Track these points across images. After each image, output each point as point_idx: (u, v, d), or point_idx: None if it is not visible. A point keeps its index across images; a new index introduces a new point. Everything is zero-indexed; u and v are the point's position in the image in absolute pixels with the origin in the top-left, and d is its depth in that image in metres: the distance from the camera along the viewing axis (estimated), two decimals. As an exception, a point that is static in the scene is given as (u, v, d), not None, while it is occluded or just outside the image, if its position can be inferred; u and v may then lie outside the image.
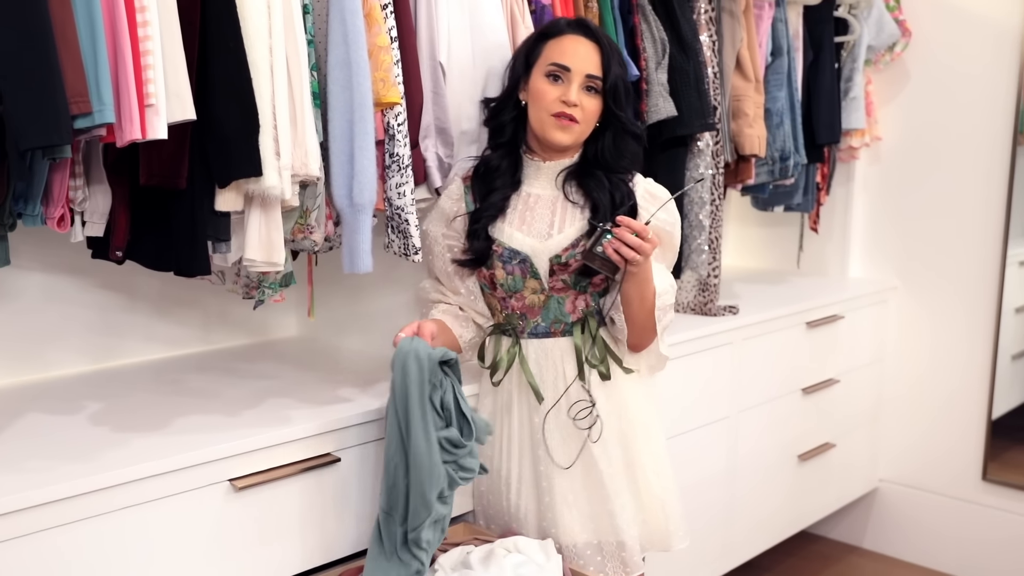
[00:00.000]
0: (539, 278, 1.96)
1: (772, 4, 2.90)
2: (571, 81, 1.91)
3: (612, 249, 1.82)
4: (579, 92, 1.91)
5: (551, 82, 1.92)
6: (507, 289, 1.99)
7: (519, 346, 2.01)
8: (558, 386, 2.00)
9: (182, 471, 1.65)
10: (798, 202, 3.22)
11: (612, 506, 1.99)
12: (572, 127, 1.92)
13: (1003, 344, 3.35)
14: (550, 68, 1.92)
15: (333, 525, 1.90)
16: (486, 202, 1.98)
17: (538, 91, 1.93)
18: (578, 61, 1.91)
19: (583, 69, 1.91)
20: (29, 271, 2.13)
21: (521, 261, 1.96)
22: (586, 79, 1.92)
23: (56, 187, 1.69)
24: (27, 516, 1.48)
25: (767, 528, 3.12)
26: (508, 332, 2.02)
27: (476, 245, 1.97)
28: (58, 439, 1.75)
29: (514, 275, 1.97)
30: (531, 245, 1.95)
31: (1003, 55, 3.25)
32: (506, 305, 2.01)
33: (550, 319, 1.99)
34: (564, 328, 2.00)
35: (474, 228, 1.97)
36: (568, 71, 1.91)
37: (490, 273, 1.98)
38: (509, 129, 2.00)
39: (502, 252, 1.96)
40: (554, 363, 2.00)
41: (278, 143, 1.75)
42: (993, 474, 3.38)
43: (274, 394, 2.05)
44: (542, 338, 2.00)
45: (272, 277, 2.01)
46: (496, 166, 2.00)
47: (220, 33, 1.68)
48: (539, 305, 1.99)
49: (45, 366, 2.18)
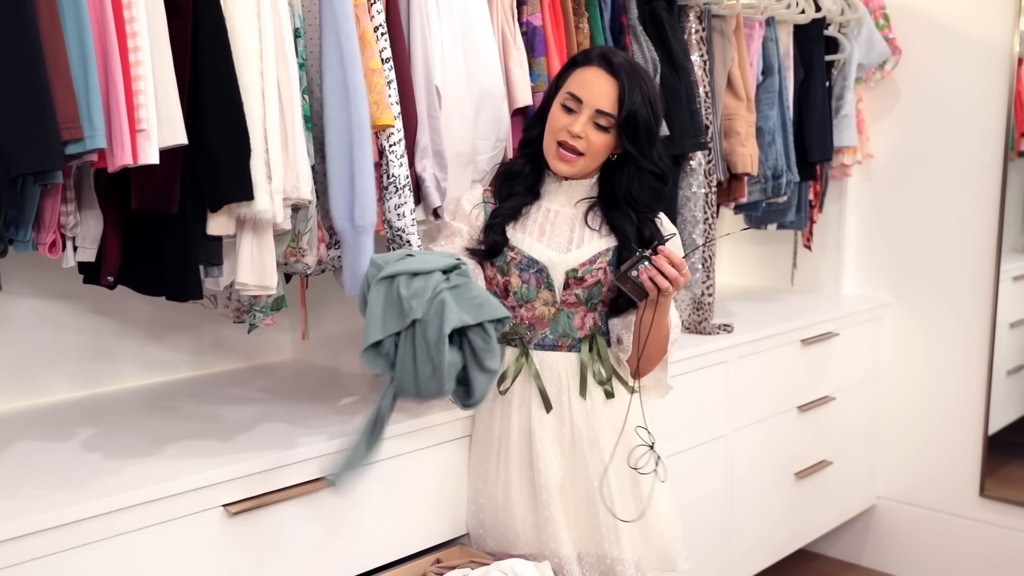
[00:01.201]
0: (553, 290, 2.01)
1: (762, 24, 2.91)
2: (581, 113, 1.95)
3: (647, 276, 1.86)
4: (586, 125, 1.95)
5: (564, 112, 1.97)
6: (520, 298, 2.02)
7: (527, 356, 2.03)
8: (560, 399, 2.03)
9: (175, 497, 1.64)
10: (791, 220, 3.22)
11: (617, 523, 2.00)
12: (574, 161, 1.97)
13: (998, 359, 3.35)
14: (566, 97, 1.98)
15: (328, 549, 1.89)
16: (504, 203, 2.03)
17: (552, 116, 2.00)
18: (592, 95, 1.95)
19: (594, 104, 1.95)
20: (20, 296, 2.12)
21: (538, 271, 2.00)
22: (595, 114, 1.95)
23: (47, 213, 1.69)
24: (19, 545, 1.47)
25: (765, 547, 3.10)
26: (513, 342, 2.05)
27: (491, 238, 2.01)
28: (50, 465, 1.74)
29: (529, 284, 2.01)
30: (549, 256, 2.00)
31: (993, 72, 3.26)
32: (515, 315, 2.04)
33: (558, 332, 2.03)
34: (571, 343, 2.04)
35: (492, 222, 2.01)
36: (580, 103, 1.96)
37: (505, 280, 2.02)
38: (536, 144, 2.05)
39: (520, 260, 2.00)
40: (558, 376, 2.03)
41: (269, 167, 1.75)
42: (991, 490, 3.38)
43: (268, 418, 2.04)
44: (548, 350, 2.04)
45: (263, 301, 2.01)
46: (518, 171, 2.05)
47: (211, 57, 1.68)
48: (549, 317, 2.02)
49: (37, 391, 2.17)
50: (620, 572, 2.01)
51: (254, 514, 1.75)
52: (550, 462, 2.01)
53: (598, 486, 2.00)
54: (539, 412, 2.02)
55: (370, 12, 1.92)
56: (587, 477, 2.02)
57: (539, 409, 2.03)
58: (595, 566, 2.03)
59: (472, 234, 2.05)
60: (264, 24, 1.75)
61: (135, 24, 1.56)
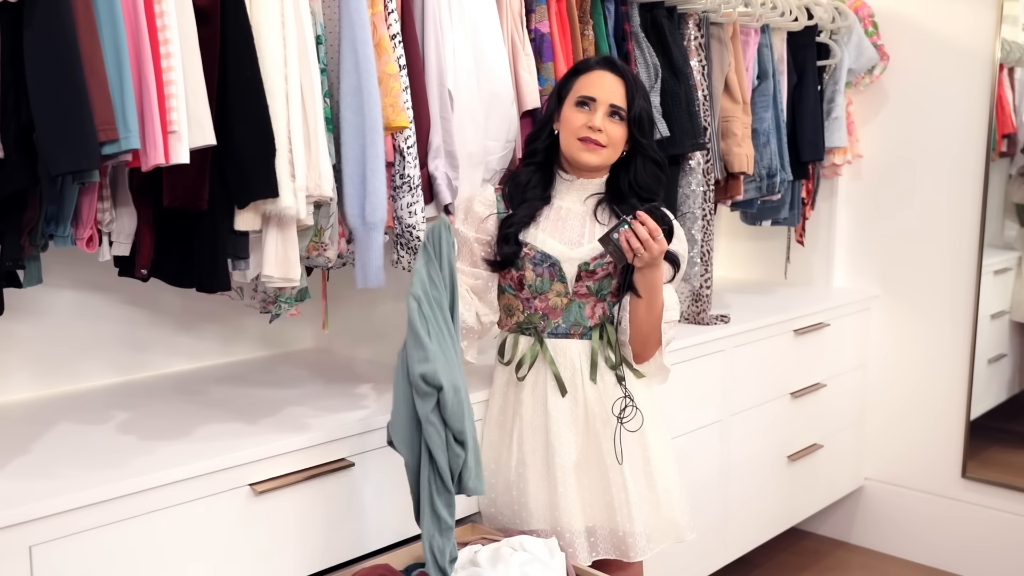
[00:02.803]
0: (565, 282, 2.02)
1: (758, 31, 2.90)
2: (596, 109, 1.99)
3: (625, 239, 1.90)
4: (604, 119, 1.99)
5: (579, 110, 2.00)
6: (533, 291, 2.03)
7: (542, 343, 2.04)
8: (575, 382, 2.05)
9: (205, 476, 1.65)
10: (785, 216, 3.22)
11: (629, 496, 2.02)
12: (598, 150, 2.00)
13: (980, 348, 3.34)
14: (579, 99, 2.01)
15: (348, 526, 1.90)
16: (518, 211, 2.04)
17: (567, 119, 2.02)
18: (604, 92, 2.00)
19: (608, 99, 1.99)
20: (60, 288, 2.13)
21: (551, 265, 2.01)
22: (610, 107, 1.99)
23: (85, 210, 1.69)
24: (59, 520, 1.48)
25: (759, 525, 3.10)
26: (527, 331, 2.06)
27: (506, 250, 2.02)
28: (88, 447, 1.75)
29: (543, 277, 2.02)
30: (561, 251, 2.02)
31: (976, 77, 3.25)
32: (529, 305, 2.05)
33: (570, 321, 2.05)
34: (583, 331, 2.05)
35: (505, 233, 2.03)
36: (594, 101, 2.00)
37: (519, 275, 2.03)
38: (541, 154, 2.08)
39: (535, 255, 2.01)
40: (571, 361, 2.05)
41: (293, 166, 1.75)
42: (972, 472, 3.37)
43: (291, 403, 2.04)
44: (561, 338, 2.05)
45: (288, 292, 2.01)
46: (526, 180, 2.06)
47: (238, 63, 1.68)
48: (561, 308, 2.04)
49: (75, 378, 2.18)
50: (632, 544, 2.03)
51: (278, 493, 1.76)
52: (566, 441, 2.03)
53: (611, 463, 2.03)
54: (555, 396, 2.04)
55: (387, 20, 1.92)
56: (600, 455, 2.04)
57: (554, 393, 2.04)
58: (608, 538, 2.05)
59: (481, 238, 2.05)
60: (288, 31, 1.75)
61: (167, 32, 1.57)
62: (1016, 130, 3.32)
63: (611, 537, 2.05)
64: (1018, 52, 3.27)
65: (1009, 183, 3.40)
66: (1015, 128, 3.31)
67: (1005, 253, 3.45)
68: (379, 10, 1.90)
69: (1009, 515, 3.28)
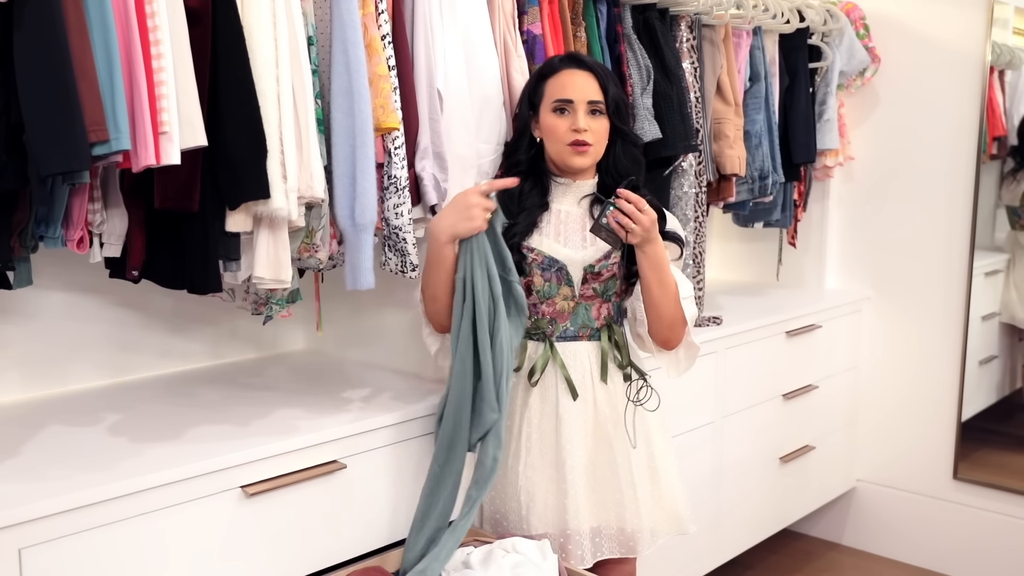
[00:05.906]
0: (572, 285, 2.03)
1: (750, 33, 2.91)
2: (576, 111, 1.98)
3: (614, 221, 1.90)
4: (586, 118, 1.98)
5: (559, 116, 2.00)
6: (541, 296, 2.04)
7: (552, 348, 2.04)
8: (585, 384, 2.05)
9: (196, 478, 1.64)
10: (777, 218, 3.22)
11: (637, 493, 2.04)
12: (587, 151, 1.99)
13: (971, 350, 3.35)
14: (555, 104, 2.00)
15: (340, 528, 1.89)
16: (518, 220, 2.03)
17: (550, 126, 2.01)
18: (578, 92, 1.98)
19: (584, 97, 1.98)
20: (50, 290, 2.12)
21: (558, 269, 2.02)
22: (588, 105, 1.98)
23: (75, 211, 1.68)
24: (49, 523, 1.47)
25: (751, 527, 3.11)
26: (536, 336, 2.06)
27: (513, 258, 2.00)
28: (78, 449, 1.74)
29: (550, 282, 2.02)
30: (567, 255, 2.02)
31: (966, 79, 3.26)
32: (536, 311, 2.05)
33: (578, 324, 2.05)
34: (591, 333, 2.06)
35: (510, 243, 2.00)
36: (571, 103, 1.98)
37: (527, 281, 2.03)
38: (524, 164, 2.06)
39: (542, 261, 2.01)
40: (581, 363, 2.05)
41: (285, 167, 1.74)
42: (963, 473, 3.38)
43: (283, 405, 2.04)
44: (570, 341, 2.06)
45: (279, 294, 2.01)
46: (520, 189, 2.04)
47: (229, 64, 1.68)
48: (568, 311, 2.04)
49: (65, 380, 2.17)
50: (639, 540, 2.04)
51: (270, 495, 1.75)
52: (577, 444, 2.03)
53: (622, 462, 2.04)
54: (566, 400, 2.03)
55: (378, 21, 1.92)
56: (611, 456, 2.04)
57: (565, 396, 2.03)
58: (614, 537, 2.05)
59: None
60: (280, 33, 1.75)
61: (158, 32, 1.56)
62: (1007, 132, 3.33)
63: (618, 535, 2.05)
64: (1008, 55, 3.28)
65: (1000, 186, 3.40)
66: (1006, 131, 3.32)
67: (996, 255, 3.46)
68: (370, 11, 1.89)
69: (1000, 516, 3.29)
